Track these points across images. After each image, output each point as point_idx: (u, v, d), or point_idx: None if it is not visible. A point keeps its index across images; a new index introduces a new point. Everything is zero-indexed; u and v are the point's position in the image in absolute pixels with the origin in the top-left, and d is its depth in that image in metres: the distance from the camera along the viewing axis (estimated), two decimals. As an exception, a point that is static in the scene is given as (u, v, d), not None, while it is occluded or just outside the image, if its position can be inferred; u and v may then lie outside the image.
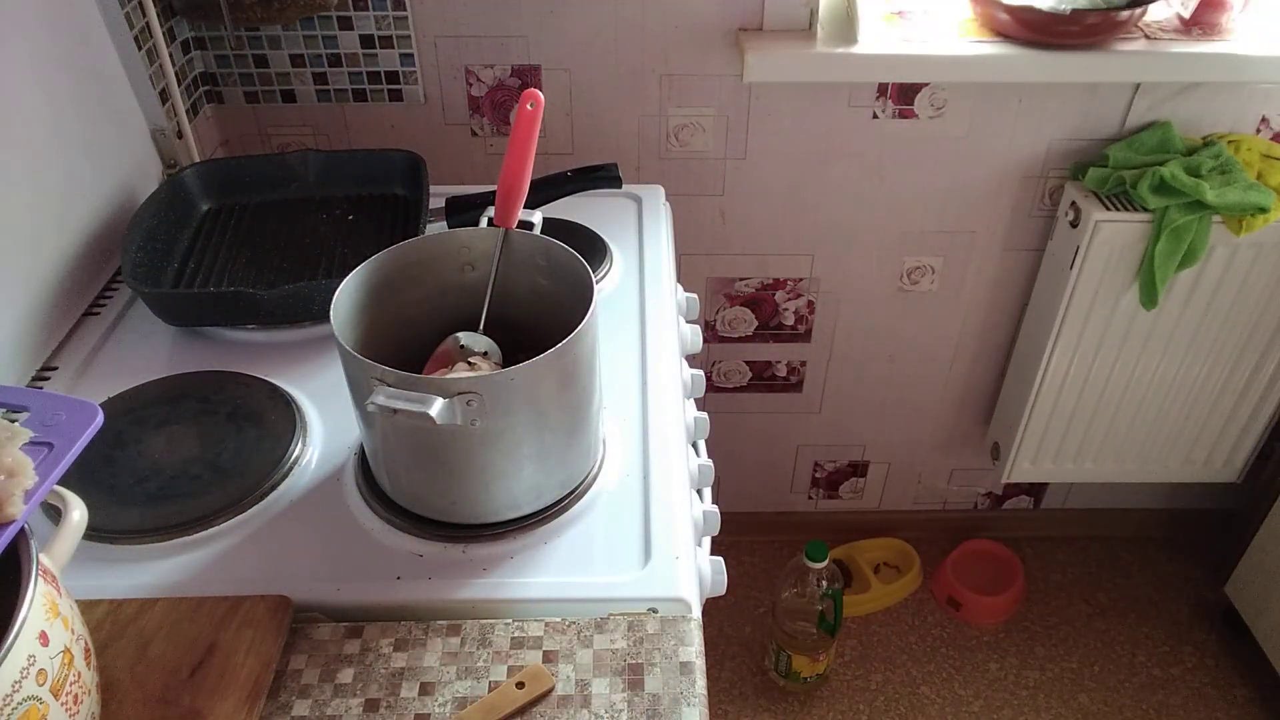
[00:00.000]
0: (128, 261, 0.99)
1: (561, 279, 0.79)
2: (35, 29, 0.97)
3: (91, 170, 1.07)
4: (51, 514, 0.77)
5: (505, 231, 0.81)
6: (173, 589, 0.73)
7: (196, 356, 0.97)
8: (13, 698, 0.50)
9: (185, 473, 0.82)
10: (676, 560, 0.75)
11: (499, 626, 0.71)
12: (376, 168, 1.19)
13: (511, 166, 0.80)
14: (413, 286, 0.82)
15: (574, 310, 0.72)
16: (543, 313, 0.81)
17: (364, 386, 0.68)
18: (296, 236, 1.13)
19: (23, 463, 0.55)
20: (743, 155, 1.46)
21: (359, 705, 0.66)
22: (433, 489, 0.75)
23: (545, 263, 0.81)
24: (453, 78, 1.38)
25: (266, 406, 0.89)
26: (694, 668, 0.68)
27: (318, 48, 1.35)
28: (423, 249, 0.81)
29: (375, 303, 0.79)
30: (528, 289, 0.82)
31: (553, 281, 0.81)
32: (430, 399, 0.64)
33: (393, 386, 0.66)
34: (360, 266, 0.77)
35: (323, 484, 0.83)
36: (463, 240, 0.82)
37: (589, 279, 0.74)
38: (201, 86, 1.37)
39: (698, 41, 1.35)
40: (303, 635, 0.71)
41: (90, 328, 1.02)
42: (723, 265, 1.60)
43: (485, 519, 0.77)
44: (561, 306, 0.77)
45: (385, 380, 0.66)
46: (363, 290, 0.77)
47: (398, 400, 0.65)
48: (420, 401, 0.64)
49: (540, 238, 0.81)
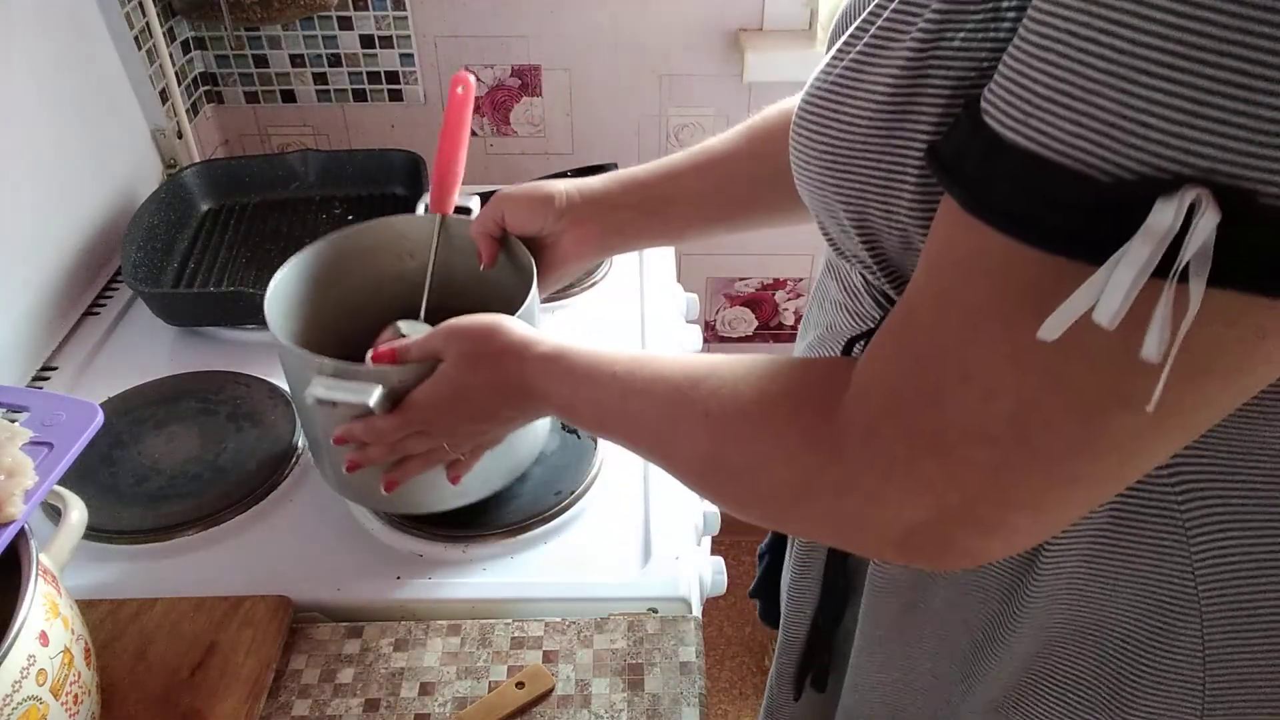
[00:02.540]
0: (128, 261, 0.99)
1: (502, 263, 0.77)
2: (36, 29, 0.97)
3: (91, 170, 1.07)
4: (51, 514, 0.77)
5: (442, 218, 0.79)
6: (173, 589, 0.73)
7: (196, 356, 0.97)
8: (13, 698, 0.50)
9: (185, 473, 0.82)
10: (676, 560, 0.75)
11: (499, 626, 0.71)
12: (376, 168, 1.19)
13: (444, 151, 0.76)
14: (350, 277, 0.79)
15: (516, 294, 0.70)
16: (486, 298, 0.77)
17: (302, 378, 0.66)
18: (296, 236, 1.13)
19: (23, 463, 0.55)
20: (743, 155, 1.46)
21: (359, 705, 0.66)
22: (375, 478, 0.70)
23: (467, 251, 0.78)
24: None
25: (266, 406, 0.89)
26: (694, 668, 0.68)
27: (318, 48, 1.35)
28: (359, 238, 0.79)
29: (314, 295, 0.77)
30: (469, 275, 0.79)
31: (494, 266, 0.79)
32: (370, 388, 0.62)
33: (331, 377, 0.64)
34: (293, 258, 0.75)
35: (323, 484, 0.82)
36: (399, 228, 0.80)
37: (529, 261, 0.72)
38: (201, 86, 1.37)
39: (698, 41, 1.35)
40: (303, 635, 0.71)
41: (90, 328, 1.02)
42: (723, 265, 1.60)
43: (432, 507, 0.75)
44: (504, 291, 0.75)
45: (323, 371, 0.64)
46: (300, 282, 0.75)
47: (336, 391, 0.63)
48: (359, 391, 0.62)
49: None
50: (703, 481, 0.51)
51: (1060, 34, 0.29)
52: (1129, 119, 0.28)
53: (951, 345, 0.36)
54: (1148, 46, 0.27)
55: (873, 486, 0.40)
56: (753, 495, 0.47)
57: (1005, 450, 0.36)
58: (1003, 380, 0.35)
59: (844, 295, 0.55)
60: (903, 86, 0.38)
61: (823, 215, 0.46)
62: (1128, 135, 0.28)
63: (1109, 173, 0.29)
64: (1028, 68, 0.31)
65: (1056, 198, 0.30)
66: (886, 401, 0.39)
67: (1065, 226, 0.31)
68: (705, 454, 0.48)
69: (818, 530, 0.50)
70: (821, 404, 0.43)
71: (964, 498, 0.37)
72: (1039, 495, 0.37)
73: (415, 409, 0.62)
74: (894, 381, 0.39)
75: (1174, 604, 0.47)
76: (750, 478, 0.46)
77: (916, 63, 0.37)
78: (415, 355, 0.62)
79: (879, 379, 0.40)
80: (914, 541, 0.40)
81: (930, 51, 0.36)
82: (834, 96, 0.41)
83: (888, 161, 0.39)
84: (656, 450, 0.53)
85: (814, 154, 0.43)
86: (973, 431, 0.36)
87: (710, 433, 0.47)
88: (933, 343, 0.37)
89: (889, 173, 0.40)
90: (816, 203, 0.45)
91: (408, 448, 0.64)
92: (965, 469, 0.37)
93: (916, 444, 0.38)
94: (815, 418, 0.43)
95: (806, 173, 0.44)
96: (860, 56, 0.40)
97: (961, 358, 0.35)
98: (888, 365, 0.40)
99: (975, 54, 0.35)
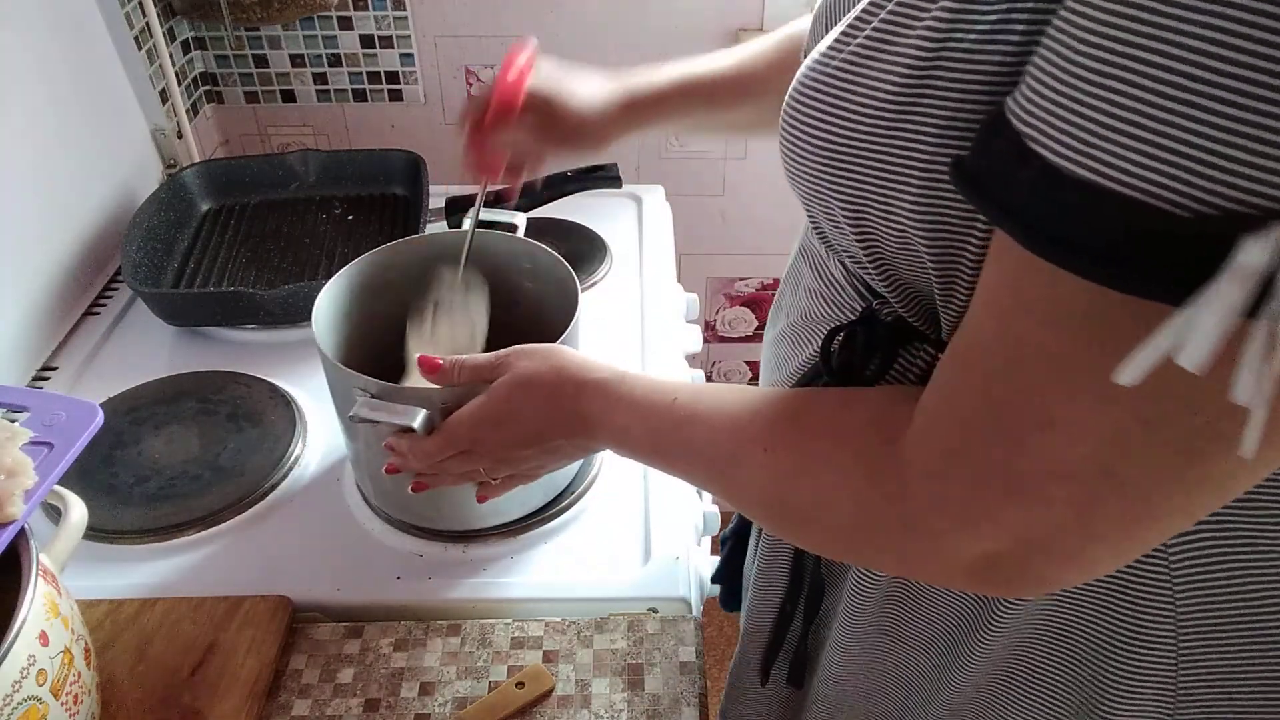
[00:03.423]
0: (128, 261, 0.99)
1: (547, 282, 0.78)
2: (35, 29, 0.97)
3: (91, 170, 1.07)
4: (51, 514, 0.77)
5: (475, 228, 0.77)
6: (173, 589, 0.73)
7: (196, 356, 0.97)
8: (13, 698, 0.50)
9: (185, 473, 0.82)
10: (676, 560, 0.75)
11: (499, 626, 0.71)
12: (376, 168, 1.19)
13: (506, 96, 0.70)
14: (391, 290, 0.80)
15: (560, 314, 0.71)
16: (528, 317, 0.80)
17: (346, 396, 0.67)
18: (296, 236, 1.13)
19: (23, 463, 0.55)
20: (743, 155, 1.46)
21: (359, 705, 0.66)
22: (419, 497, 0.72)
23: (530, 265, 0.80)
24: (453, 78, 1.38)
25: (266, 406, 0.89)
26: (694, 668, 0.68)
27: (318, 48, 1.35)
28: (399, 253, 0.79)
29: (355, 309, 0.78)
30: (512, 293, 0.80)
31: (537, 285, 0.80)
32: (413, 412, 0.62)
33: (374, 398, 0.64)
34: (338, 274, 0.75)
35: (323, 484, 0.83)
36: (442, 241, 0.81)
37: (574, 283, 0.73)
38: (201, 86, 1.37)
39: (698, 41, 1.35)
40: (303, 635, 0.71)
41: (90, 328, 1.02)
42: (723, 265, 1.60)
43: (472, 525, 0.76)
44: (547, 310, 0.76)
45: (367, 390, 0.64)
46: (343, 296, 0.76)
47: (380, 413, 0.63)
48: (403, 415, 0.62)
49: (525, 241, 0.80)
50: (765, 516, 0.51)
51: (1123, 59, 0.27)
52: (1211, 151, 0.26)
53: (1031, 391, 0.34)
54: (1229, 75, 0.25)
55: (940, 524, 0.40)
56: (816, 531, 0.47)
57: (1090, 487, 0.34)
58: (1088, 424, 0.33)
59: (819, 283, 0.54)
60: (910, 84, 0.37)
61: (814, 207, 0.45)
62: (1209, 169, 0.26)
63: (1188, 208, 0.27)
64: (1082, 94, 0.29)
65: (1129, 235, 0.28)
66: (954, 443, 0.38)
67: (1142, 265, 0.29)
68: (766, 491, 0.48)
69: (884, 563, 0.49)
70: (884, 440, 0.42)
71: (1045, 532, 0.37)
72: (1125, 528, 0.36)
73: (461, 428, 0.61)
74: (962, 423, 0.38)
75: (1149, 605, 0.47)
76: (813, 514, 0.46)
77: (925, 61, 0.36)
78: (467, 378, 0.61)
79: (944, 420, 0.39)
80: (986, 572, 0.40)
81: (940, 50, 0.35)
82: (833, 89, 0.40)
83: (890, 161, 0.39)
84: (715, 482, 0.53)
85: (810, 149, 0.42)
86: (1056, 472, 0.35)
87: (771, 471, 0.47)
88: (1009, 388, 0.35)
89: (891, 173, 0.39)
90: (809, 196, 0.45)
91: (447, 468, 0.63)
92: (1045, 506, 0.36)
93: (990, 485, 0.37)
94: (878, 456, 0.42)
95: (801, 166, 0.44)
96: (863, 50, 0.39)
97: (1043, 404, 0.34)
98: (954, 406, 0.39)
99: (987, 57, 0.34)
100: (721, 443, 0.50)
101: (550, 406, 0.58)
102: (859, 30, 0.40)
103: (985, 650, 0.53)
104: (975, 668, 0.54)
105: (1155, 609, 0.47)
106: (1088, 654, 0.50)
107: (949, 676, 0.56)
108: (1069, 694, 0.52)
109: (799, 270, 0.58)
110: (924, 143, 0.37)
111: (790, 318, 0.58)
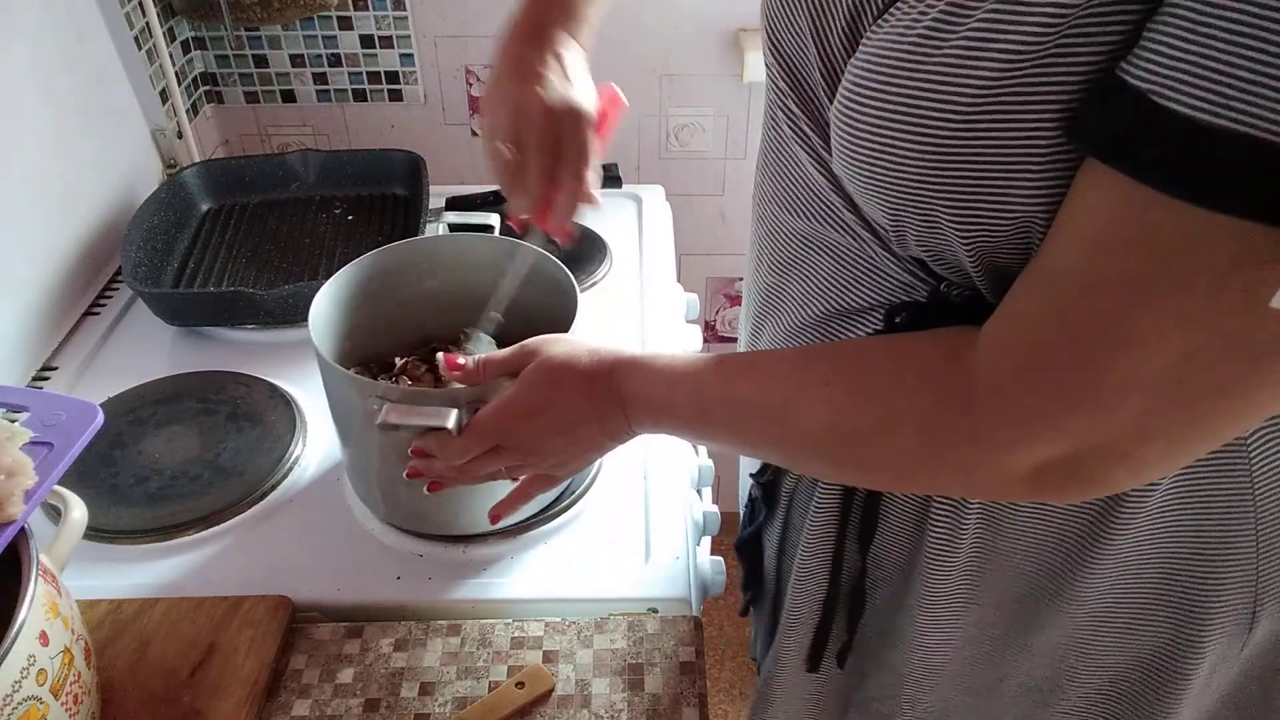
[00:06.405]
0: (128, 261, 0.99)
1: (545, 289, 0.77)
2: (35, 30, 0.97)
3: (92, 170, 1.07)
4: (51, 514, 0.77)
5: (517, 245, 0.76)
6: (173, 589, 0.73)
7: (196, 356, 0.97)
8: (13, 698, 0.50)
9: (185, 473, 0.82)
10: (676, 560, 0.75)
11: (499, 626, 0.71)
12: (376, 168, 1.19)
13: None
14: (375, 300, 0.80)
15: (558, 321, 0.71)
16: (525, 321, 0.78)
17: (352, 402, 0.66)
18: (296, 236, 1.13)
19: (23, 463, 0.55)
20: (743, 155, 1.46)
21: (359, 705, 0.66)
22: (434, 502, 0.72)
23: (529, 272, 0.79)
24: (453, 77, 1.38)
25: (266, 406, 0.89)
26: (694, 668, 0.68)
27: (318, 48, 1.35)
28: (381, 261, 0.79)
29: (343, 317, 0.78)
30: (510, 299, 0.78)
31: (536, 292, 0.79)
32: (445, 412, 0.62)
33: (402, 404, 0.63)
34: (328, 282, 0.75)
35: (323, 484, 0.83)
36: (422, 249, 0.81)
37: (573, 289, 0.73)
38: (201, 86, 1.37)
39: (698, 41, 1.35)
40: (303, 635, 0.71)
41: (90, 328, 1.02)
42: (723, 265, 1.60)
43: (478, 529, 0.76)
44: (545, 317, 0.75)
45: (388, 397, 0.64)
46: (333, 304, 0.76)
47: (412, 417, 0.62)
48: (436, 416, 0.62)
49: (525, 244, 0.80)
50: (823, 450, 0.51)
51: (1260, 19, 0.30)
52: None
53: (1114, 314, 0.36)
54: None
55: (1006, 436, 0.42)
56: (878, 455, 0.48)
57: (1161, 396, 0.37)
58: (1167, 340, 0.36)
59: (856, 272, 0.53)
60: (1030, 56, 0.36)
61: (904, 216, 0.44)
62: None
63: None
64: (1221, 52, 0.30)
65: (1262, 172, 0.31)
66: (1027, 359, 0.40)
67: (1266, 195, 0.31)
68: (826, 422, 0.49)
69: (943, 481, 0.51)
70: (949, 362, 0.44)
71: (1105, 438, 0.39)
72: (1180, 428, 0.38)
73: (491, 422, 0.60)
74: (1035, 341, 0.40)
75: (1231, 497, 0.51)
76: (876, 437, 0.47)
77: (1051, 28, 0.35)
78: (493, 373, 0.61)
79: (1016, 340, 0.41)
80: (1041, 477, 0.42)
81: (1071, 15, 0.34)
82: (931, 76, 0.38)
83: (1011, 142, 0.38)
84: (769, 431, 0.52)
85: (907, 151, 0.40)
86: (1129, 384, 0.37)
87: (831, 402, 0.48)
88: (1091, 311, 0.37)
89: (1010, 156, 0.38)
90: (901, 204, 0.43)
91: (474, 468, 0.63)
92: (1114, 415, 0.38)
93: (1061, 397, 0.39)
94: (945, 373, 0.44)
95: (894, 174, 0.42)
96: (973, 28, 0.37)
97: (1125, 325, 0.36)
98: (1027, 327, 0.41)
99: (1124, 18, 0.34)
100: (777, 387, 0.51)
101: (586, 389, 0.57)
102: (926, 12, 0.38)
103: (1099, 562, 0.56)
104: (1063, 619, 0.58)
105: (1236, 499, 0.51)
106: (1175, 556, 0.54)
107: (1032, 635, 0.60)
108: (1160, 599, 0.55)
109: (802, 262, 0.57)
110: (1050, 117, 0.37)
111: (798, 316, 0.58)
